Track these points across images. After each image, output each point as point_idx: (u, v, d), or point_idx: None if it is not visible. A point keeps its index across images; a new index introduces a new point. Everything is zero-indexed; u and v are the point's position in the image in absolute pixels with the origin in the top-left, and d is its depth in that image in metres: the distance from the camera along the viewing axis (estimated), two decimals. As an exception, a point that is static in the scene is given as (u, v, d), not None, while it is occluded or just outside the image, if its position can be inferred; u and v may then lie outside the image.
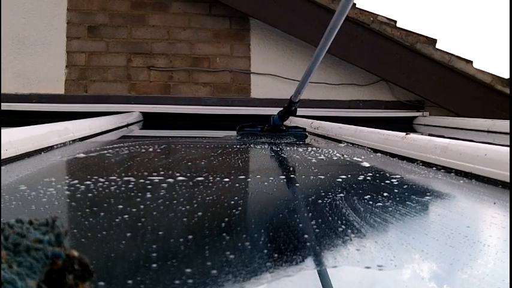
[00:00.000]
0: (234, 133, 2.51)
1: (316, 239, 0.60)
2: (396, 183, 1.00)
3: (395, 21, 3.66)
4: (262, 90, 3.75)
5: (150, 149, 1.58)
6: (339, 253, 0.55)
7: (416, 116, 3.75)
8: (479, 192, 0.95)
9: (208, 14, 3.73)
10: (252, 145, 1.82)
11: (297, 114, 3.32)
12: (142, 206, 0.76)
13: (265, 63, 3.76)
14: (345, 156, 1.48)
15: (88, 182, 0.92)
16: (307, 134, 2.31)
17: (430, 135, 1.87)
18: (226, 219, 0.70)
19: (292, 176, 1.09)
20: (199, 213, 0.73)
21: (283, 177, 1.06)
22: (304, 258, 0.53)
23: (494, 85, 3.60)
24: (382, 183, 1.01)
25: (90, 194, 0.84)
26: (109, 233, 0.62)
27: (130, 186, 0.91)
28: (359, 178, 1.06)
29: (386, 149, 1.51)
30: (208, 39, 3.73)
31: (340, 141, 1.96)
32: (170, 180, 0.98)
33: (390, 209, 0.77)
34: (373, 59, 3.63)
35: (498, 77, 3.62)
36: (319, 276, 0.49)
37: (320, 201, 0.81)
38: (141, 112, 3.46)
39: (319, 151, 1.57)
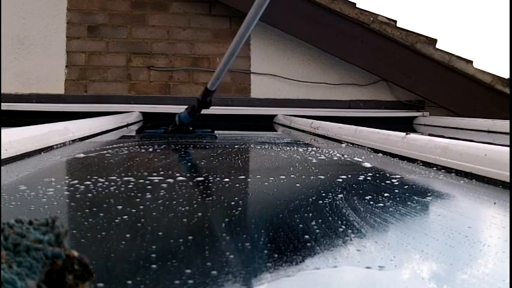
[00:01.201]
0: (233, 133, 2.51)
1: (316, 239, 0.60)
2: (396, 183, 1.00)
3: (395, 21, 3.66)
4: (262, 90, 3.75)
5: (150, 149, 1.58)
6: (339, 253, 0.55)
7: (417, 116, 3.75)
8: (479, 192, 0.95)
9: (208, 14, 3.73)
10: (251, 145, 1.82)
11: (297, 114, 3.30)
12: (142, 207, 0.76)
13: (265, 63, 3.76)
14: (345, 156, 1.48)
15: (88, 182, 0.92)
16: (216, 135, 2.11)
17: (430, 135, 1.87)
18: (227, 219, 0.70)
19: (292, 176, 1.09)
20: (199, 214, 0.73)
21: (283, 177, 1.06)
22: (304, 258, 0.53)
23: (495, 85, 3.60)
24: (382, 183, 1.01)
25: (90, 194, 0.84)
26: (109, 233, 0.62)
27: (130, 186, 0.91)
28: (359, 178, 1.06)
29: (387, 149, 1.51)
30: (208, 39, 3.73)
31: (340, 141, 1.96)
32: (170, 180, 0.97)
33: (390, 209, 0.77)
34: (373, 59, 3.63)
35: (498, 77, 3.62)
36: (319, 277, 0.49)
37: (320, 201, 0.81)
38: (141, 112, 3.46)
39: (319, 151, 1.57)
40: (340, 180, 1.04)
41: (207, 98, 2.01)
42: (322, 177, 1.08)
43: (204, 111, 3.58)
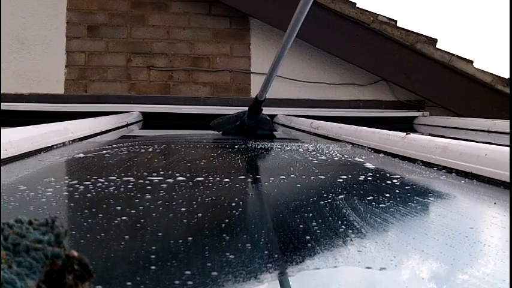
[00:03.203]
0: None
1: (317, 239, 0.59)
2: (396, 183, 1.00)
3: (395, 21, 3.66)
4: (262, 90, 3.75)
5: (150, 149, 1.58)
6: (339, 253, 0.55)
7: (417, 116, 3.75)
8: (479, 192, 0.95)
9: (208, 14, 3.73)
10: (251, 145, 1.82)
11: (297, 114, 3.32)
12: (141, 207, 0.76)
13: (265, 63, 3.75)
14: (345, 156, 1.47)
15: (87, 182, 0.92)
16: (274, 135, 2.34)
17: (430, 135, 1.87)
18: (227, 219, 0.70)
19: (292, 176, 1.09)
20: (199, 214, 0.73)
21: (284, 177, 1.06)
22: (305, 259, 0.53)
23: (495, 85, 3.60)
24: (383, 184, 1.01)
25: (89, 194, 0.84)
26: (108, 234, 0.62)
27: (130, 186, 0.91)
28: (359, 178, 1.06)
29: (387, 149, 1.51)
30: (208, 39, 3.73)
31: (340, 141, 1.96)
32: (170, 180, 0.97)
33: (390, 209, 0.76)
34: (373, 58, 3.63)
35: (498, 76, 3.62)
36: (320, 277, 0.49)
37: (320, 201, 0.81)
38: (140, 112, 3.46)
39: (320, 151, 1.57)
40: (341, 180, 1.04)
41: (256, 105, 2.27)
42: (322, 177, 1.08)
43: (204, 111, 3.58)
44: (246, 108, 2.37)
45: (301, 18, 1.77)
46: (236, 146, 1.77)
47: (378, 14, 3.63)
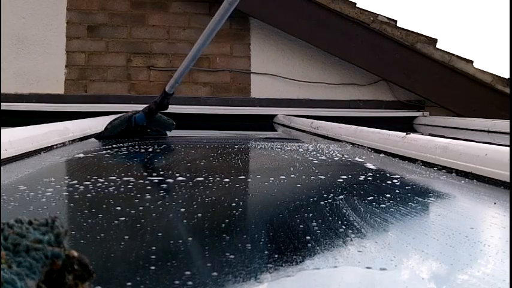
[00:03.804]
0: (233, 133, 2.51)
1: (317, 239, 0.59)
2: (396, 183, 1.00)
3: (395, 21, 3.66)
4: (262, 90, 3.75)
5: (150, 149, 1.58)
6: (339, 253, 0.55)
7: (417, 116, 3.75)
8: (479, 192, 0.95)
9: (208, 14, 3.72)
10: (251, 145, 1.82)
11: (297, 114, 3.30)
12: (141, 207, 0.76)
13: (265, 63, 3.76)
14: (345, 156, 1.47)
15: (87, 182, 0.92)
16: (167, 134, 2.13)
17: (430, 135, 1.87)
18: (227, 219, 0.70)
19: (292, 176, 1.09)
20: (199, 214, 0.73)
21: (284, 177, 1.06)
22: (305, 259, 0.53)
23: (495, 85, 3.60)
24: (383, 184, 1.01)
25: (89, 195, 0.84)
26: (108, 234, 0.62)
27: (130, 186, 0.91)
28: (359, 178, 1.06)
29: (387, 149, 1.51)
30: (208, 39, 3.73)
31: (340, 141, 1.96)
32: (170, 180, 0.97)
33: (391, 209, 0.76)
34: (373, 58, 3.63)
35: (498, 76, 3.62)
36: (320, 277, 0.49)
37: (321, 201, 0.81)
38: (141, 112, 3.46)
39: (320, 151, 1.57)
40: (341, 180, 1.04)
41: (164, 100, 2.00)
42: (322, 177, 1.08)
43: (204, 111, 3.59)
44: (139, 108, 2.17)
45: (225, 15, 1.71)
46: (236, 146, 1.77)
47: (378, 14, 3.63)
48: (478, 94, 3.61)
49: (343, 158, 1.43)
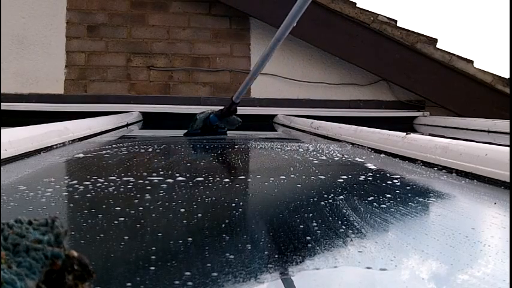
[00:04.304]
0: (233, 133, 2.51)
1: (317, 239, 0.59)
2: (396, 183, 1.00)
3: (395, 21, 3.66)
4: (262, 90, 3.75)
5: (150, 149, 1.58)
6: (339, 253, 0.55)
7: (417, 116, 3.75)
8: (479, 193, 0.95)
9: (208, 14, 3.72)
10: (251, 145, 1.82)
11: (297, 114, 3.32)
12: (141, 207, 0.76)
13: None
14: (345, 156, 1.47)
15: (87, 183, 0.92)
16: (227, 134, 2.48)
17: (430, 135, 1.87)
18: (227, 220, 0.70)
19: (292, 176, 1.09)
20: (199, 214, 0.73)
21: (284, 177, 1.06)
22: (305, 259, 0.53)
23: (495, 85, 3.60)
24: (383, 184, 1.01)
25: (89, 195, 0.83)
26: (108, 234, 0.62)
27: (130, 186, 0.91)
28: (359, 178, 1.06)
29: (387, 149, 1.51)
30: (208, 39, 3.73)
31: (340, 141, 1.96)
32: (170, 180, 0.97)
33: (391, 209, 0.76)
34: (373, 58, 3.63)
35: (499, 76, 3.62)
36: (320, 277, 0.49)
37: (321, 201, 0.81)
38: (140, 112, 3.46)
39: (320, 151, 1.57)
40: (341, 180, 1.04)
41: (231, 107, 2.37)
42: (322, 177, 1.08)
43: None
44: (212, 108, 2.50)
45: (292, 23, 1.82)
46: (236, 146, 1.77)
47: (378, 14, 3.63)
48: (478, 94, 3.61)
49: (343, 158, 1.43)
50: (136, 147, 1.62)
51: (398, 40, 3.60)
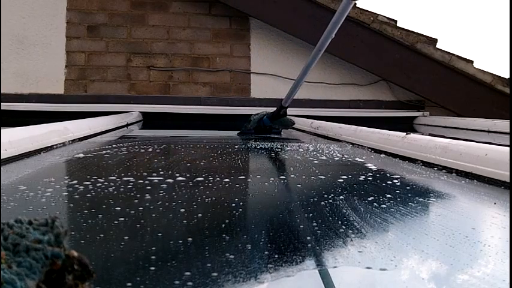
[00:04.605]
0: (233, 133, 2.51)
1: (317, 239, 0.59)
2: (397, 183, 1.00)
3: (395, 21, 3.66)
4: (262, 90, 3.75)
5: (150, 149, 1.58)
6: (339, 253, 0.55)
7: (417, 116, 3.75)
8: (479, 193, 0.95)
9: (208, 14, 3.73)
10: (251, 145, 1.82)
11: (297, 114, 3.33)
12: (141, 207, 0.76)
13: (265, 63, 3.76)
14: (345, 156, 1.47)
15: (87, 183, 0.92)
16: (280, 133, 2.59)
17: (430, 135, 1.87)
18: (227, 220, 0.70)
19: (292, 176, 1.09)
20: (199, 214, 0.73)
21: (284, 177, 1.06)
22: (305, 259, 0.53)
23: (495, 85, 3.60)
24: (383, 184, 1.01)
25: (89, 195, 0.83)
26: (108, 234, 0.62)
27: (130, 186, 0.91)
28: (359, 178, 1.06)
29: (387, 149, 1.51)
30: (208, 39, 3.73)
31: (340, 141, 1.96)
32: (170, 180, 0.97)
33: (391, 209, 0.76)
34: (373, 58, 3.63)
35: (498, 76, 3.62)
36: (320, 277, 0.49)
37: (321, 201, 0.81)
38: (140, 112, 3.46)
39: (320, 151, 1.57)
40: (341, 180, 1.04)
41: (281, 111, 2.52)
42: (322, 177, 1.08)
43: (204, 111, 3.59)
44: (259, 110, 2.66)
45: (335, 28, 1.87)
46: (236, 146, 1.77)
47: (378, 14, 3.63)
48: (478, 94, 3.61)
49: (343, 158, 1.43)
50: (137, 147, 1.62)
51: (398, 40, 3.60)
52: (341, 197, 0.84)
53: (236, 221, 0.71)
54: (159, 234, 0.62)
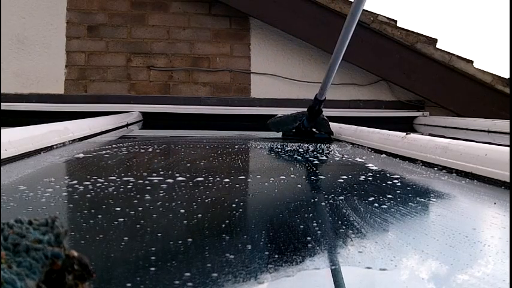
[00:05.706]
0: (233, 133, 2.51)
1: (317, 239, 0.59)
2: (397, 183, 1.00)
3: (395, 21, 3.66)
4: (262, 90, 3.75)
5: (150, 149, 1.58)
6: (339, 253, 0.55)
7: (417, 116, 3.75)
8: (479, 192, 0.95)
9: (208, 14, 3.72)
10: (251, 145, 1.82)
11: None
12: (141, 207, 0.76)
13: (265, 63, 3.76)
14: (346, 156, 1.47)
15: (87, 183, 0.92)
16: (332, 138, 2.31)
17: (430, 135, 1.87)
18: (227, 220, 0.70)
19: (292, 176, 1.09)
20: (199, 214, 0.73)
21: (284, 177, 1.06)
22: (305, 259, 0.53)
23: (495, 85, 3.60)
24: (383, 184, 1.01)
25: (89, 195, 0.83)
26: (108, 234, 0.62)
27: (130, 186, 0.91)
28: (359, 178, 1.06)
29: (387, 149, 1.51)
30: (208, 39, 3.73)
31: (340, 141, 1.96)
32: (170, 180, 0.97)
33: (391, 209, 0.76)
34: (373, 58, 3.63)
35: (498, 76, 3.61)
36: (320, 277, 0.49)
37: (321, 201, 0.81)
38: (140, 112, 3.46)
39: (320, 151, 1.57)
40: (341, 180, 1.04)
41: (316, 105, 2.31)
42: (322, 177, 1.08)
43: (204, 111, 3.58)
44: (300, 109, 2.46)
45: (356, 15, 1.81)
46: (236, 146, 1.77)
47: (378, 14, 3.63)
48: (478, 94, 3.61)
49: (343, 158, 1.43)
50: (137, 147, 1.62)
51: (398, 40, 3.60)
52: (341, 197, 0.84)
53: (236, 221, 0.70)
54: (159, 235, 0.62)
